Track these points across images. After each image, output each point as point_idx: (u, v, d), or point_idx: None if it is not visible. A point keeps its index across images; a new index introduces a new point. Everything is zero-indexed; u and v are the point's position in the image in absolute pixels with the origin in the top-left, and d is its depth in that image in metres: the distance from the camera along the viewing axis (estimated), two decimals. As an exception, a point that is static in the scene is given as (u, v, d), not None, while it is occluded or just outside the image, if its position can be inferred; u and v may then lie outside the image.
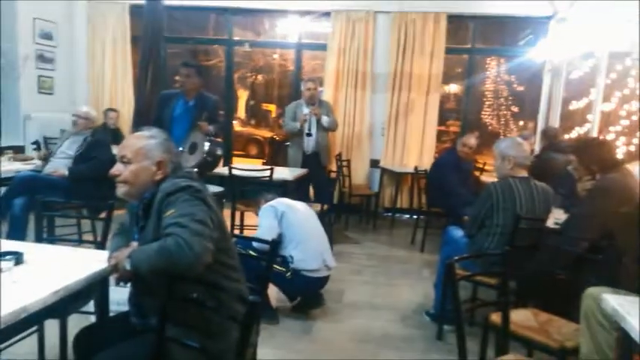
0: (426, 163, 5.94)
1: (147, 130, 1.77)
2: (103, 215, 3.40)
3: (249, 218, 4.85)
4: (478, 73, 6.83)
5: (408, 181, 6.20)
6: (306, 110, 5.19)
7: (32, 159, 4.46)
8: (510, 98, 13.00)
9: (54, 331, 2.25)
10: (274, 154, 11.31)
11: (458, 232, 3.26)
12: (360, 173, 6.37)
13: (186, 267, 1.44)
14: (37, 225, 2.58)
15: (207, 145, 4.06)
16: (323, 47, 6.41)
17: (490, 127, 13.12)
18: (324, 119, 5.20)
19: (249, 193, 4.68)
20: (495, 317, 2.11)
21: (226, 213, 3.48)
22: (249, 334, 1.36)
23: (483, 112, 13.10)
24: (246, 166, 4.99)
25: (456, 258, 1.86)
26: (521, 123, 12.21)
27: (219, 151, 4.16)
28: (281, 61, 14.42)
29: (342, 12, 6.14)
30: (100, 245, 2.45)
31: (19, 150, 5.36)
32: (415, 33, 6.07)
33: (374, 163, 6.40)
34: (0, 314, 1.34)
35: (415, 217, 5.63)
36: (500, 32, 7.60)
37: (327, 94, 6.14)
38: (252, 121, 15.74)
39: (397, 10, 6.08)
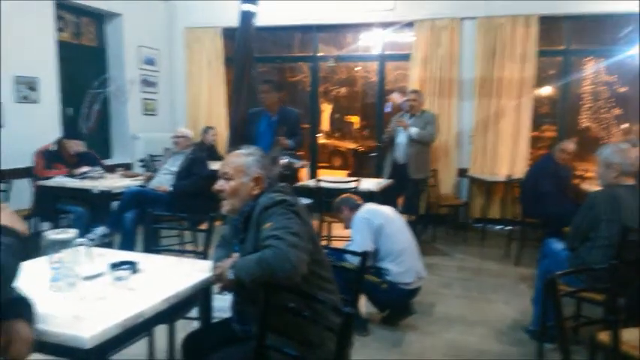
0: (519, 170, 5.67)
1: (245, 148, 1.89)
2: (202, 227, 3.65)
3: (336, 229, 4.93)
4: (574, 74, 6.40)
5: (500, 191, 5.95)
6: (408, 121, 5.20)
7: (139, 175, 4.88)
8: (611, 100, 12.03)
9: (159, 334, 2.43)
10: (358, 164, 11.39)
11: (558, 245, 3.08)
12: (447, 183, 6.22)
13: (284, 277, 1.52)
14: (146, 237, 2.82)
15: (285, 159, 4.23)
16: (406, 57, 6.38)
17: (590, 131, 12.24)
18: (412, 131, 5.14)
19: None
20: (604, 336, 1.97)
21: (314, 224, 3.55)
22: (346, 345, 1.39)
23: (581, 116, 12.25)
24: (332, 178, 5.08)
25: (559, 273, 1.76)
26: (624, 126, 11.25)
27: (296, 165, 4.28)
28: (364, 73, 14.53)
29: (426, 21, 6.09)
30: (203, 255, 2.61)
31: (127, 167, 5.88)
32: (504, 37, 5.86)
33: (462, 173, 6.22)
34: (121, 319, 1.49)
35: (508, 228, 5.37)
36: (597, 31, 7.10)
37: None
38: (337, 134, 15.94)
39: (484, 15, 5.91)
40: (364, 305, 3.32)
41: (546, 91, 7.30)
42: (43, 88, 5.21)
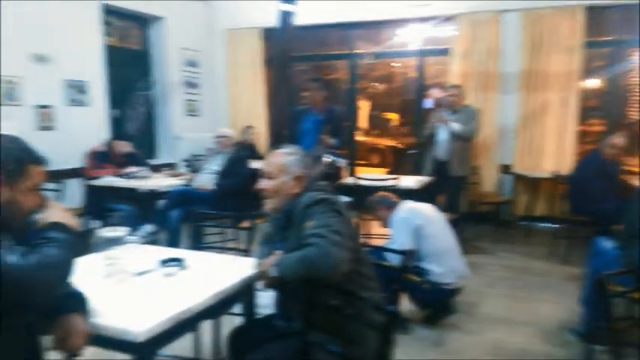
0: (566, 166, 5.49)
1: (287, 147, 1.92)
2: (244, 224, 3.72)
3: (375, 227, 4.91)
4: (622, 65, 6.12)
5: (546, 187, 5.77)
6: (448, 117, 5.12)
7: (183, 175, 5.02)
8: (665, 91, 11.42)
9: (203, 329, 2.50)
10: (397, 162, 11.28)
11: (608, 243, 2.96)
12: (489, 180, 6.09)
13: (326, 274, 1.54)
14: (193, 234, 2.91)
15: (328, 158, 4.23)
16: (445, 52, 6.28)
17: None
18: (454, 126, 5.04)
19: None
20: (657, 339, 1.89)
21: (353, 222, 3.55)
22: (389, 344, 1.40)
23: (631, 109, 11.69)
24: (371, 176, 5.07)
25: (609, 272, 1.71)
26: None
27: (339, 164, 4.28)
28: (402, 68, 14.36)
29: (466, 15, 5.97)
30: (246, 253, 2.67)
31: (171, 167, 6.05)
32: (548, 29, 5.68)
33: (504, 169, 6.08)
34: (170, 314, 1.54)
35: (555, 225, 5.21)
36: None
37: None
38: (375, 131, 15.83)
39: (526, 8, 5.75)
40: (404, 304, 3.31)
41: (593, 83, 7.02)
42: (91, 91, 5.43)
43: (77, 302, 1.45)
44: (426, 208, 3.24)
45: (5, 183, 1.32)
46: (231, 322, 2.90)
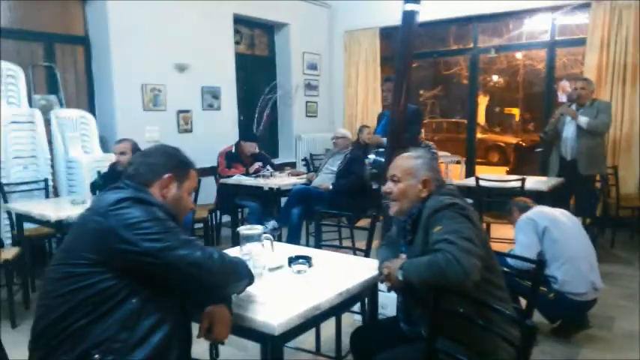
0: None
1: (414, 150, 1.93)
2: (360, 223, 3.79)
3: (496, 230, 4.70)
4: None
5: (701, 191, 5.06)
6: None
7: (304, 174, 5.25)
8: None
9: (324, 324, 2.59)
10: (520, 160, 10.60)
11: None
12: (629, 181, 5.48)
13: (455, 282, 1.51)
14: (316, 233, 3.04)
15: (371, 157, 4.12)
16: (577, 42, 5.78)
17: None
18: (582, 120, 4.60)
19: (496, 204, 4.53)
20: None
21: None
22: (526, 358, 1.35)
23: None
24: (493, 177, 4.85)
25: None
26: None
27: (384, 163, 4.03)
28: (526, 60, 13.44)
29: (604, 1, 5.44)
30: (365, 252, 2.72)
31: (291, 166, 6.34)
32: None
33: (648, 170, 5.44)
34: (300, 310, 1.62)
35: None
36: None
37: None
38: (497, 128, 15.02)
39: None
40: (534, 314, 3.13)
41: None
42: (223, 96, 5.89)
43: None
44: (556, 212, 3.02)
45: (175, 181, 1.59)
46: (350, 319, 3.01)
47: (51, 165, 4.44)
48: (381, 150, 4.12)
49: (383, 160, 4.07)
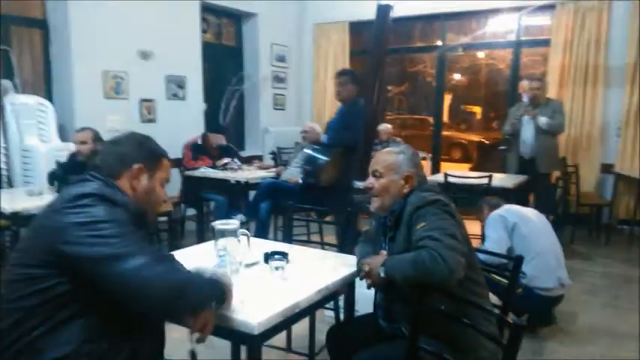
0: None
1: (396, 146, 1.89)
2: (328, 218, 3.74)
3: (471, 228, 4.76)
4: None
5: (654, 190, 5.29)
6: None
7: (272, 167, 5.16)
8: None
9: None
10: (482, 158, 10.84)
11: None
12: (588, 180, 5.68)
13: (440, 280, 1.49)
14: (287, 227, 2.98)
15: (307, 152, 4.13)
16: (541, 43, 5.93)
17: None
18: (542, 120, 4.75)
19: (462, 200, 4.58)
20: None
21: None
22: (512, 358, 1.34)
23: None
24: (459, 173, 4.91)
25: None
26: None
27: (320, 160, 4.00)
28: (488, 60, 13.72)
29: (568, 3, 5.59)
30: (340, 248, 2.69)
31: (259, 159, 6.24)
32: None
33: (606, 168, 5.64)
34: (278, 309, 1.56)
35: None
36: None
37: (550, 92, 5.64)
38: (463, 125, 15.28)
39: (640, -4, 5.27)
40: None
41: None
42: (189, 85, 5.72)
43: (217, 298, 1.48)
44: (525, 210, 3.11)
45: (146, 172, 1.47)
46: (321, 314, 2.97)
47: (5, 154, 4.18)
48: (317, 147, 4.07)
49: (318, 156, 3.98)
